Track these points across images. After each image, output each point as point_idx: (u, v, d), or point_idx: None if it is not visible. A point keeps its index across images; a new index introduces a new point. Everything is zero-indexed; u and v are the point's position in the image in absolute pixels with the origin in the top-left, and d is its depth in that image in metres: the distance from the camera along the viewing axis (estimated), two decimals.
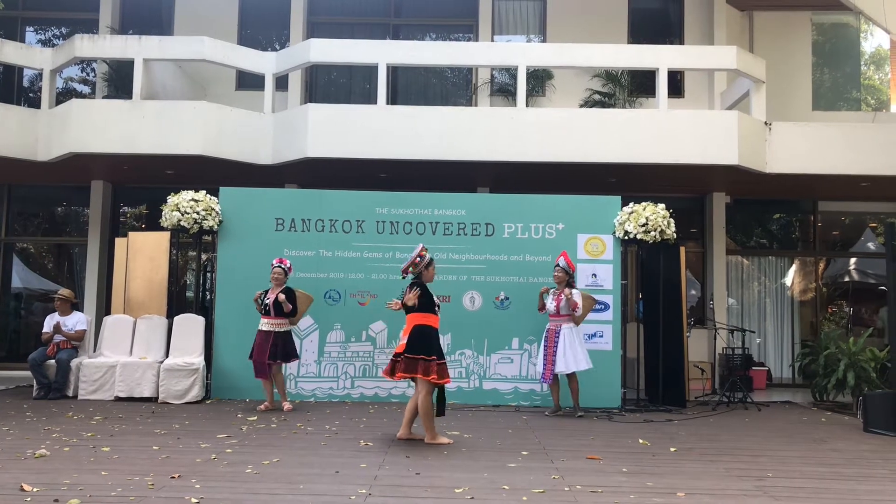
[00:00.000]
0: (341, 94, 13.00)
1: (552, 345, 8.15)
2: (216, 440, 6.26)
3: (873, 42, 15.90)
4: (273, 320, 8.06)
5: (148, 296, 9.41)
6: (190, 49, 10.75)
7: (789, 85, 12.77)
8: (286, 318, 8.12)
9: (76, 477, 4.82)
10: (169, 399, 8.54)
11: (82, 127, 10.22)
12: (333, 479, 4.98)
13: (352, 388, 9.04)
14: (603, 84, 12.37)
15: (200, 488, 4.62)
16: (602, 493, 4.76)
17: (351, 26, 12.93)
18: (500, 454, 5.93)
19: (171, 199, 9.14)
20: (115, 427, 6.84)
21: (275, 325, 8.07)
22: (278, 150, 10.65)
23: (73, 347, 9.20)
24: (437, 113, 10.60)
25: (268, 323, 8.07)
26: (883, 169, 10.63)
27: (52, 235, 13.20)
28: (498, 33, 12.88)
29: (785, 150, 10.68)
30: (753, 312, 12.77)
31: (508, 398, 8.99)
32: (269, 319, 8.07)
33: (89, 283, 12.04)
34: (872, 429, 7.53)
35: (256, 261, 8.89)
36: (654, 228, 8.92)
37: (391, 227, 9.25)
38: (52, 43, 13.09)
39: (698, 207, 12.56)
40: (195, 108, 10.40)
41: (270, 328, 8.05)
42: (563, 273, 8.22)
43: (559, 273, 8.24)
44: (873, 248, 12.88)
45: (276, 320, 8.07)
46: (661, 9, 13.11)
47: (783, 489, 4.99)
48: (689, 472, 5.47)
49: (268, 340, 8.01)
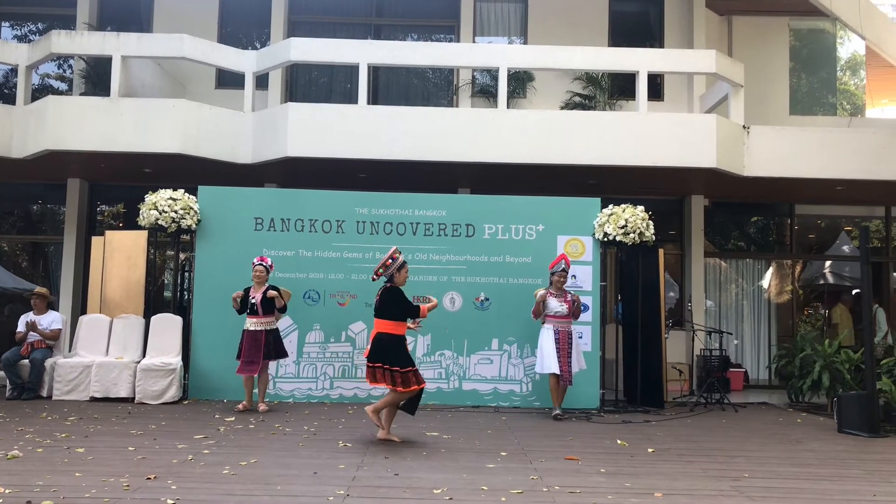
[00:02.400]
0: (322, 94, 12.95)
1: (566, 346, 8.14)
2: (193, 441, 6.21)
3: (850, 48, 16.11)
4: (262, 319, 8.01)
5: (125, 295, 9.32)
6: (169, 47, 10.64)
7: (767, 89, 12.90)
8: (273, 315, 8.07)
9: (49, 478, 4.76)
10: (146, 399, 8.45)
11: (58, 124, 10.09)
12: (311, 480, 4.96)
13: (331, 388, 9.00)
14: (583, 86, 12.43)
15: (176, 489, 4.58)
16: (580, 493, 4.78)
17: (332, 25, 12.88)
18: (479, 455, 5.93)
19: (149, 198, 9.05)
20: (90, 428, 6.76)
21: (264, 324, 8.02)
22: (258, 150, 10.58)
23: (48, 347, 9.08)
24: (418, 113, 10.58)
25: (256, 322, 8.01)
26: (858, 173, 10.77)
27: (27, 234, 13.02)
28: (480, 34, 12.90)
29: (762, 154, 10.78)
30: (731, 314, 12.88)
31: (488, 399, 9.00)
32: (257, 318, 8.01)
33: (65, 282, 11.88)
34: (846, 429, 7.62)
35: (235, 260, 8.83)
36: (634, 230, 8.97)
37: (371, 227, 9.23)
38: (28, 39, 12.92)
39: (677, 210, 12.65)
40: (174, 107, 10.30)
41: (261, 327, 8.00)
42: (567, 276, 8.29)
43: (563, 277, 8.25)
44: (848, 251, 13.05)
45: (264, 318, 8.02)
46: (641, 12, 13.20)
47: (758, 489, 5.04)
48: (667, 472, 5.50)
49: (260, 339, 7.96)
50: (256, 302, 7.99)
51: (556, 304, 8.21)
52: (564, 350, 8.13)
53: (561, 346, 8.14)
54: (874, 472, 5.75)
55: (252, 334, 7.99)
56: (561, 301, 8.20)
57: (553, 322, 8.21)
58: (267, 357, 8.03)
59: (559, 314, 8.19)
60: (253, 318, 8.02)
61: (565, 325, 8.20)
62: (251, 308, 8.01)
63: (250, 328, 8.02)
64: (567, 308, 8.18)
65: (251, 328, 8.01)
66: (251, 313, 8.02)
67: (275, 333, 8.15)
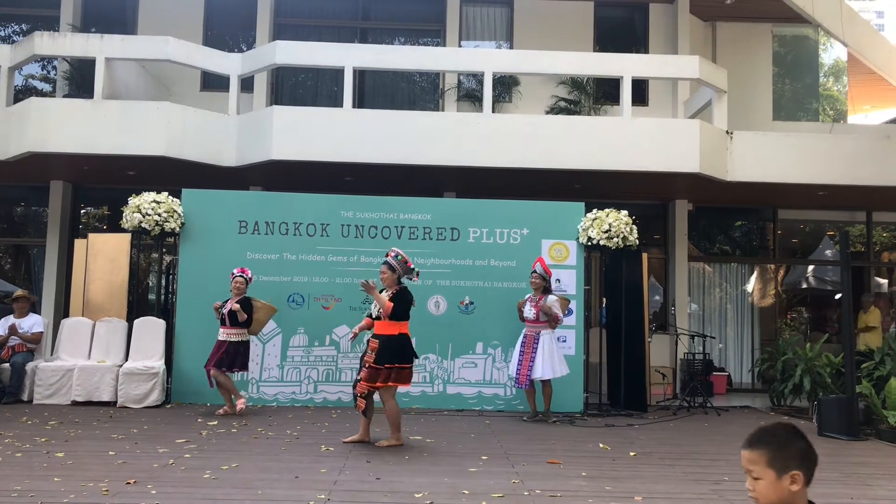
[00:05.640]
0: (308, 97, 12.94)
1: (530, 350, 8.13)
2: (175, 445, 6.18)
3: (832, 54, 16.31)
4: (228, 330, 7.95)
5: (108, 298, 9.26)
6: (154, 49, 10.61)
7: (751, 95, 13.01)
8: (241, 327, 7.99)
9: (27, 483, 4.72)
10: (128, 403, 8.40)
11: (41, 126, 10.02)
12: (292, 484, 4.95)
13: (315, 392, 8.98)
14: (569, 91, 12.49)
15: (156, 494, 4.56)
16: (561, 497, 4.80)
17: (318, 29, 12.87)
18: (461, 459, 5.94)
19: (133, 201, 9.01)
20: (70, 432, 6.72)
21: (230, 335, 7.96)
22: (243, 152, 10.56)
23: (29, 350, 9.00)
24: (403, 117, 10.60)
25: (223, 332, 7.98)
26: (840, 178, 10.88)
27: (9, 236, 12.92)
28: (465, 39, 12.93)
29: (746, 159, 10.87)
30: (715, 318, 12.96)
31: (472, 402, 9.01)
32: (224, 329, 7.97)
33: (47, 284, 11.79)
34: (826, 433, 7.68)
35: (219, 263, 8.80)
36: (617, 235, 9.01)
37: (356, 230, 9.23)
38: (11, 39, 12.84)
39: (661, 214, 12.73)
40: (158, 109, 10.26)
41: (226, 338, 7.96)
42: (539, 279, 8.24)
43: (536, 279, 8.24)
44: (831, 255, 13.17)
45: (230, 329, 7.95)
46: (626, 18, 13.27)
47: (738, 492, 5.07)
48: (648, 476, 5.53)
49: (220, 349, 7.91)
50: (225, 312, 7.96)
51: (528, 308, 8.26)
52: (527, 354, 8.14)
53: (525, 349, 8.17)
54: (852, 475, 5.81)
55: (218, 343, 7.97)
56: (532, 305, 8.24)
57: (525, 327, 8.29)
58: (218, 366, 7.84)
59: (528, 318, 8.23)
60: (222, 328, 8.00)
61: (534, 330, 8.20)
62: (222, 318, 8.00)
63: (219, 337, 8.00)
64: (535, 313, 8.19)
65: (220, 337, 8.00)
66: (222, 323, 8.00)
67: (237, 346, 7.96)
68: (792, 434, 2.11)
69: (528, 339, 8.20)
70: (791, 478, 2.04)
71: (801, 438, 2.10)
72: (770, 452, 2.07)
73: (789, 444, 2.08)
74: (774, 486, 2.06)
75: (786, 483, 2.04)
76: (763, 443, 2.10)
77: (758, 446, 2.10)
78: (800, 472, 2.05)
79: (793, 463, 2.05)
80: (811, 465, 2.08)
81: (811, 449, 2.10)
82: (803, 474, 2.05)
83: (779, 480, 2.05)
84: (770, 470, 2.06)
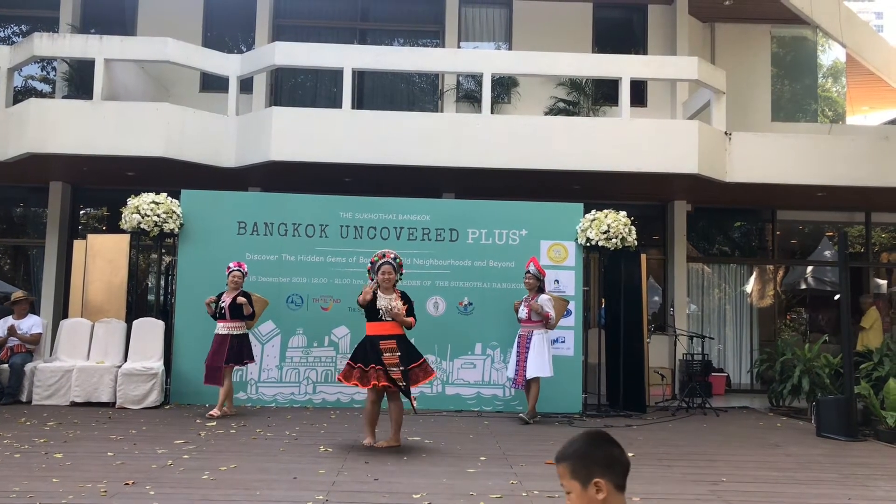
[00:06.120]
0: (307, 98, 12.95)
1: (524, 351, 8.15)
2: (173, 446, 6.18)
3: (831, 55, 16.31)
4: (230, 323, 7.96)
5: (107, 299, 9.27)
6: (153, 50, 10.62)
7: (749, 96, 13.01)
8: (243, 320, 8.03)
9: (26, 484, 4.73)
10: (127, 404, 8.40)
11: (40, 127, 10.03)
12: (291, 485, 4.95)
13: (313, 393, 8.98)
14: (567, 92, 12.49)
15: (155, 495, 4.57)
16: (559, 498, 4.80)
17: (317, 30, 12.86)
18: (459, 460, 5.94)
19: (132, 202, 9.02)
20: (69, 433, 6.72)
21: (231, 328, 7.97)
22: (242, 154, 10.57)
23: (28, 351, 9.01)
24: (402, 118, 10.61)
25: (224, 326, 7.97)
26: (839, 179, 10.88)
27: (8, 237, 12.92)
28: (464, 40, 12.94)
29: (744, 160, 10.88)
30: (714, 319, 12.96)
31: (471, 403, 9.01)
32: (224, 323, 7.97)
33: (46, 285, 11.79)
34: (825, 433, 7.69)
35: (218, 264, 8.77)
36: (616, 235, 9.02)
37: (355, 231, 9.23)
38: (10, 41, 12.83)
39: (660, 215, 12.73)
40: (157, 110, 10.27)
41: (227, 331, 7.96)
42: (533, 279, 8.24)
43: (530, 279, 8.25)
44: (829, 256, 13.18)
45: (232, 323, 7.97)
46: (625, 19, 13.28)
47: (736, 493, 5.08)
48: (646, 476, 5.53)
49: (224, 344, 7.91)
50: (225, 306, 7.96)
51: (521, 309, 8.27)
52: (522, 355, 8.16)
53: (519, 350, 8.20)
54: (850, 475, 5.81)
55: (220, 338, 7.95)
56: (524, 306, 8.25)
57: (520, 327, 8.30)
58: (228, 361, 7.88)
59: (521, 319, 8.26)
60: (221, 322, 7.98)
61: (526, 330, 8.21)
62: (220, 312, 7.98)
63: (219, 332, 7.98)
64: (527, 313, 8.19)
65: (220, 332, 7.97)
66: (220, 317, 8.00)
67: (241, 339, 8.02)
68: (593, 441, 2.05)
69: (522, 340, 8.22)
70: (595, 486, 1.98)
71: (603, 445, 2.04)
72: (571, 464, 2.02)
73: (590, 452, 2.02)
74: (581, 498, 2.00)
75: (591, 492, 1.98)
76: (565, 455, 2.04)
77: (561, 460, 2.04)
78: (603, 479, 1.98)
79: (596, 471, 1.99)
80: (618, 470, 2.02)
81: (617, 454, 2.03)
82: (609, 481, 1.99)
83: (584, 491, 1.99)
84: (574, 482, 2.01)
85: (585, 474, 2.00)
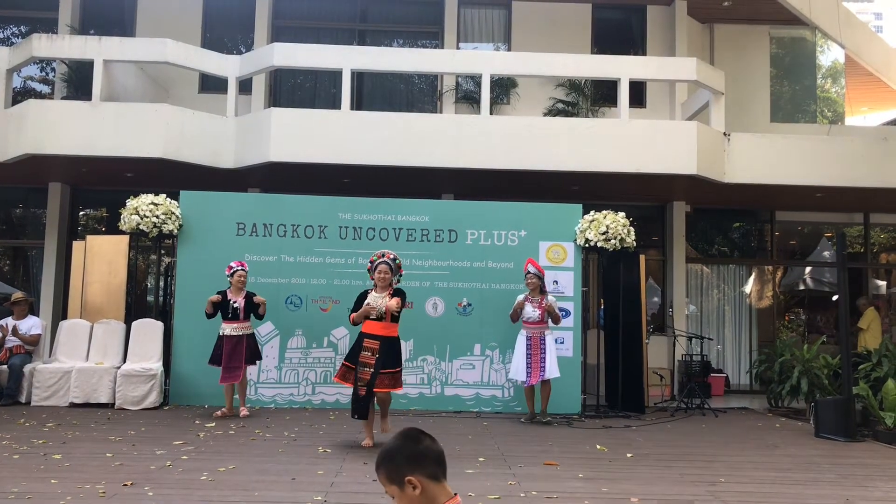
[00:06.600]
0: (306, 99, 12.95)
1: (538, 351, 8.15)
2: (172, 447, 6.18)
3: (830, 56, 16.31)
4: (241, 324, 7.99)
5: (105, 300, 9.27)
6: (152, 51, 10.62)
7: (748, 97, 13.02)
8: (248, 320, 8.08)
9: (24, 485, 4.73)
10: (126, 405, 8.41)
11: (39, 128, 10.03)
12: (289, 485, 4.96)
13: (312, 394, 8.99)
14: (566, 93, 12.50)
15: (153, 496, 4.57)
16: (557, 498, 4.81)
17: (316, 31, 12.86)
18: (458, 460, 5.94)
19: (131, 203, 9.03)
20: (68, 434, 6.72)
21: (244, 329, 8.01)
22: (241, 154, 10.57)
23: (27, 352, 9.01)
24: (401, 119, 10.61)
25: (236, 327, 7.97)
26: (837, 180, 10.89)
27: (7, 238, 12.91)
28: (463, 41, 12.94)
29: (743, 161, 10.88)
30: (713, 320, 12.97)
31: (470, 404, 9.01)
32: (237, 323, 7.97)
33: (45, 286, 11.79)
34: (823, 434, 7.69)
35: (217, 265, 8.78)
36: (615, 236, 9.03)
37: (354, 232, 9.24)
38: (9, 42, 12.83)
39: (659, 216, 12.73)
40: (156, 111, 10.27)
41: (241, 332, 7.98)
42: (535, 279, 8.25)
43: (532, 279, 8.24)
44: (828, 257, 13.18)
45: (244, 324, 8.01)
46: (624, 20, 13.29)
47: (734, 493, 5.09)
48: (644, 477, 5.54)
49: (241, 344, 7.94)
50: (240, 307, 7.96)
51: (530, 309, 8.25)
52: (536, 356, 8.16)
53: (532, 351, 8.18)
54: (848, 476, 5.82)
55: (232, 339, 7.95)
56: (535, 307, 8.24)
57: (527, 328, 8.27)
58: (248, 362, 8.04)
59: (531, 320, 8.23)
60: (233, 324, 7.98)
61: (537, 331, 8.22)
62: (233, 312, 7.97)
63: (230, 333, 7.96)
64: (540, 314, 8.21)
65: (231, 333, 7.96)
66: (231, 318, 7.98)
67: (252, 337, 8.18)
68: (399, 441, 2.04)
69: (535, 340, 8.19)
70: (409, 484, 1.97)
71: (408, 442, 2.03)
72: (385, 470, 2.01)
73: (396, 452, 2.01)
74: (402, 499, 1.99)
75: (409, 491, 1.97)
76: (378, 464, 2.03)
77: (377, 469, 2.04)
78: (414, 475, 1.97)
79: (405, 469, 1.97)
80: (427, 462, 2.00)
81: (424, 447, 2.01)
82: (420, 475, 1.97)
83: (403, 492, 1.98)
84: (393, 486, 1.99)
85: (398, 475, 1.98)
